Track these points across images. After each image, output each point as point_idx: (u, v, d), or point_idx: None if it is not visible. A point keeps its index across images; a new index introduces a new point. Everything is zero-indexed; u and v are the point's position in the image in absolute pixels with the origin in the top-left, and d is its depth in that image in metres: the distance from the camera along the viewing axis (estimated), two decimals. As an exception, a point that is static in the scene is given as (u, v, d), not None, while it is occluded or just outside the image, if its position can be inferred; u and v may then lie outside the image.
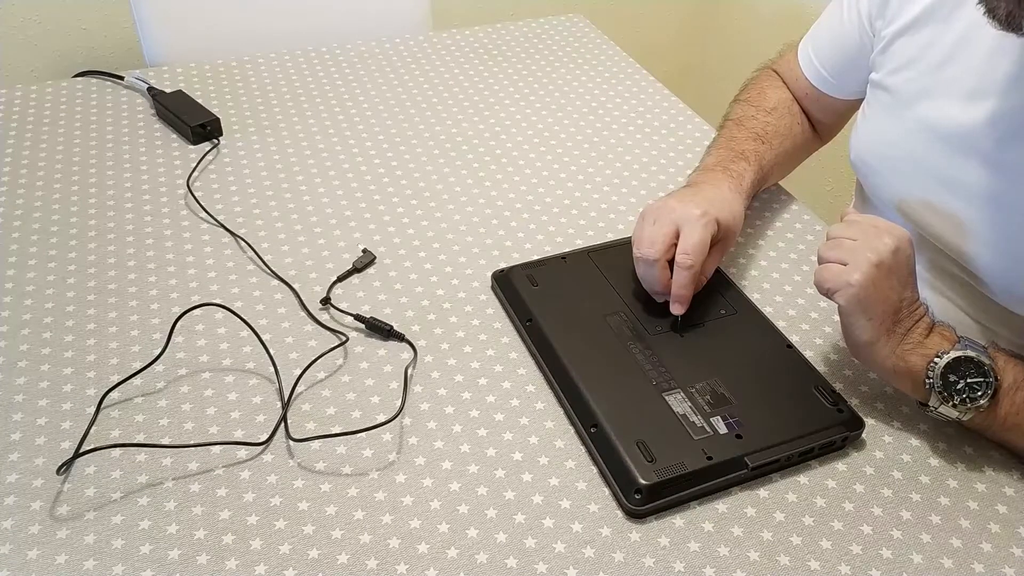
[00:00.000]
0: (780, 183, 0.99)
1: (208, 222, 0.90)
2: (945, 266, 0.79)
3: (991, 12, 0.60)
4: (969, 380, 0.65)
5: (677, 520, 0.63)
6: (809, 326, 0.81)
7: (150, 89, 1.10)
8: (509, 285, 0.81)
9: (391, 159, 1.01)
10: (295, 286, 0.82)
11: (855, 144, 0.85)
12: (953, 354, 0.65)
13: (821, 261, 0.68)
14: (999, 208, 0.71)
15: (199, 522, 0.62)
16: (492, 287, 0.83)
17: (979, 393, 0.64)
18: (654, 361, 0.72)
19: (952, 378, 0.65)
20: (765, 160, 0.88)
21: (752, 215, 0.94)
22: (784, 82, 0.96)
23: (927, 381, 0.66)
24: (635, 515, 0.63)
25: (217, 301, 0.79)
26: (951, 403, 0.65)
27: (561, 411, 0.71)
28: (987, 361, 0.64)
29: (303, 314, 0.80)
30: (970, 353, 0.64)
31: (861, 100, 0.88)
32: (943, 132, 0.74)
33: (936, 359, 0.65)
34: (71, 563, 0.59)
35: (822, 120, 0.95)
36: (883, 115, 0.81)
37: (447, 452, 0.68)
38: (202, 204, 0.92)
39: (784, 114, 0.93)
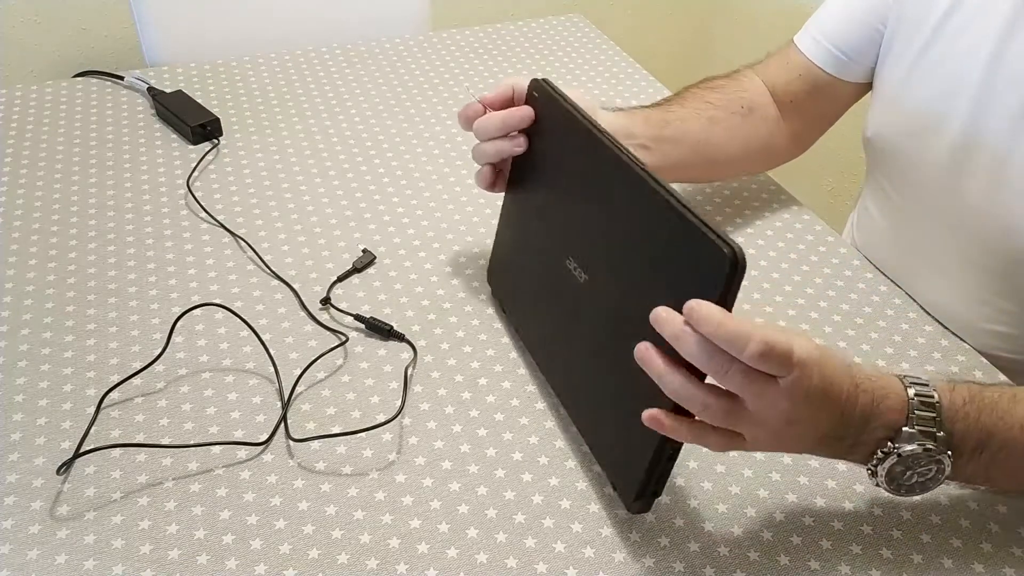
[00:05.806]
0: (780, 183, 0.99)
1: (208, 222, 0.90)
2: (973, 256, 0.79)
3: None
4: (919, 469, 0.57)
5: (677, 520, 0.63)
6: (809, 326, 0.81)
7: (150, 89, 1.10)
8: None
9: (391, 159, 1.01)
10: (295, 286, 0.82)
11: (871, 121, 0.85)
12: (892, 459, 0.56)
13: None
14: None
15: (199, 522, 0.62)
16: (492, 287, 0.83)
17: (930, 478, 0.58)
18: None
19: (899, 469, 0.57)
20: (672, 112, 0.88)
21: (752, 215, 0.94)
22: (765, 87, 0.92)
23: (873, 481, 0.58)
24: (635, 515, 0.63)
25: (217, 301, 0.79)
26: (901, 493, 0.59)
27: (561, 411, 0.71)
28: (933, 446, 0.56)
29: (303, 314, 0.80)
30: (914, 447, 0.56)
31: (865, 89, 0.88)
32: (961, 85, 0.75)
33: (878, 457, 0.57)
34: (71, 563, 0.59)
35: (815, 117, 0.92)
36: (897, 84, 0.81)
37: (447, 452, 0.68)
38: (202, 204, 0.92)
39: (727, 85, 0.92)
